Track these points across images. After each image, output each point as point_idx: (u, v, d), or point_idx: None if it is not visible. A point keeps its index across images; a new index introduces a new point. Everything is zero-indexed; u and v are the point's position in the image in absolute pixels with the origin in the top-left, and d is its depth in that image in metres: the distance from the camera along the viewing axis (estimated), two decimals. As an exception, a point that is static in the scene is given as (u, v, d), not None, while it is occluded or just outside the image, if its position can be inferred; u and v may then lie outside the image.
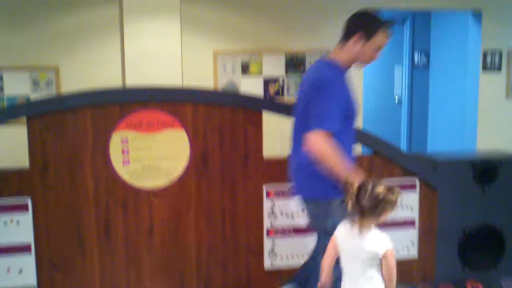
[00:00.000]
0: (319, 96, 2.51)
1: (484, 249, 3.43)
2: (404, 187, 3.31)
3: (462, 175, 3.36)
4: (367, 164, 3.27)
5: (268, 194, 3.15)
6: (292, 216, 3.20)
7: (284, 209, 3.19)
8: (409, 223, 3.35)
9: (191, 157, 3.03)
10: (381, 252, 2.26)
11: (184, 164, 3.03)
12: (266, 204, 3.15)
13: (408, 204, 3.33)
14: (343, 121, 2.56)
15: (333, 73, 2.57)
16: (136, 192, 3.00)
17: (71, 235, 2.96)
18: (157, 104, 2.98)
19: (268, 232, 3.17)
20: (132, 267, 3.04)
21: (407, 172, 3.31)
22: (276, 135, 4.18)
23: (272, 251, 3.19)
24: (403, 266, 3.33)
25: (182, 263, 3.09)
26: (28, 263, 2.93)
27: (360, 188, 2.26)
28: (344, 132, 2.58)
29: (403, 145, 6.73)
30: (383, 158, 3.28)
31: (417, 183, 3.33)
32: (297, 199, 2.71)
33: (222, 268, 3.13)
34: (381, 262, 2.28)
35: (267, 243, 3.17)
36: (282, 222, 3.19)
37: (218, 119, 3.06)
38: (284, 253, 3.21)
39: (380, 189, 2.25)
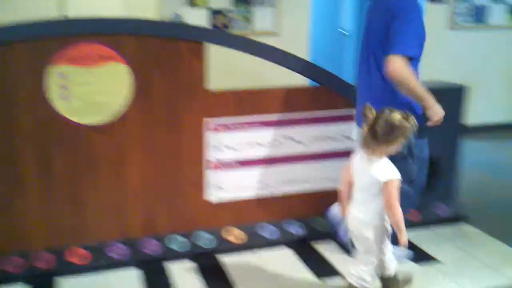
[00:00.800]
0: (401, 21, 2.66)
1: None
2: (345, 118, 3.40)
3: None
4: (311, 96, 3.32)
5: (212, 128, 3.17)
6: (238, 149, 3.25)
7: (229, 142, 3.23)
8: (350, 153, 3.43)
9: (133, 92, 3.00)
10: (383, 180, 2.37)
11: (126, 99, 2.99)
12: (211, 137, 3.18)
13: (349, 134, 3.42)
14: (418, 48, 2.74)
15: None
16: (76, 129, 2.95)
17: (8, 173, 2.91)
18: (97, 37, 2.89)
19: (213, 166, 3.22)
20: (74, 205, 3.03)
21: (348, 103, 3.37)
22: (223, 68, 4.17)
23: (217, 185, 3.26)
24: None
25: (125, 199, 3.11)
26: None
27: (377, 115, 2.36)
28: (415, 60, 2.75)
29: (349, 77, 6.81)
30: (328, 90, 3.33)
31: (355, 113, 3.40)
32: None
33: (166, 204, 3.18)
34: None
35: (211, 177, 3.23)
36: (227, 155, 3.24)
37: (160, 51, 3.01)
38: (229, 186, 3.28)
39: (397, 116, 2.34)
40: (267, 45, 3.19)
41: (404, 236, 2.38)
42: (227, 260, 3.12)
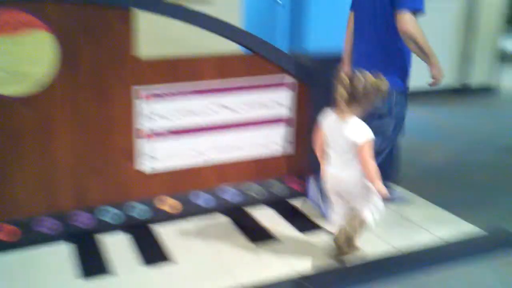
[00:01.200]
0: None
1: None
2: (279, 85, 3.41)
3: (332, 71, 3.46)
4: (244, 64, 3.30)
5: (143, 96, 3.11)
6: (170, 118, 3.20)
7: (162, 111, 3.17)
8: (283, 120, 3.49)
9: (58, 61, 2.87)
10: (358, 141, 2.49)
11: (51, 69, 2.87)
12: (142, 106, 3.11)
13: (282, 101, 3.44)
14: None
15: None
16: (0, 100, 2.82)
17: None
18: (18, 3, 2.73)
19: (145, 135, 3.17)
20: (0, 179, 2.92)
21: (282, 70, 3.38)
22: (156, 35, 4.06)
23: (150, 154, 3.21)
24: (278, 162, 3.51)
25: (54, 172, 3.00)
26: None
27: (352, 77, 2.47)
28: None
29: (282, 45, 6.83)
30: (261, 58, 3.32)
31: (291, 80, 3.43)
32: None
33: (98, 176, 3.10)
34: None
35: (144, 146, 3.18)
36: (159, 124, 3.18)
37: (86, 18, 2.88)
38: (162, 156, 3.24)
39: (371, 78, 2.46)
40: (199, 12, 3.13)
41: (382, 188, 2.49)
42: (162, 230, 3.10)
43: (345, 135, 2.52)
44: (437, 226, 3.10)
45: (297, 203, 3.45)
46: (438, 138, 5.15)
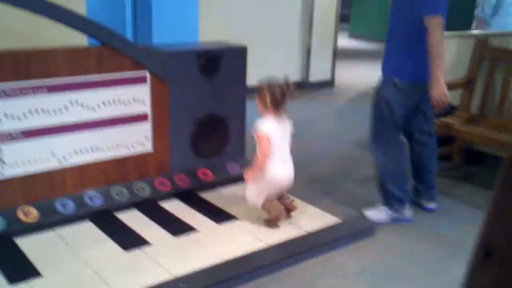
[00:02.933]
0: None
1: (212, 137, 3.71)
2: (134, 81, 3.31)
3: (189, 66, 3.48)
4: (96, 57, 3.13)
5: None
6: (21, 119, 2.93)
7: (10, 111, 2.89)
8: (142, 117, 3.39)
9: None
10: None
11: None
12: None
13: (139, 98, 3.34)
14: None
15: None
16: None
17: None
18: None
19: (-6, 139, 2.88)
20: None
21: (137, 65, 3.28)
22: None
23: (1, 159, 2.92)
24: (139, 161, 3.42)
25: None
26: None
27: (269, 85, 3.03)
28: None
29: (129, 37, 6.62)
30: (112, 50, 3.17)
31: (147, 75, 3.35)
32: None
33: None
34: None
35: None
36: (9, 126, 2.91)
37: None
38: (15, 160, 2.96)
39: (284, 82, 3.05)
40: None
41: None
42: (21, 241, 2.86)
43: (288, 130, 3.14)
44: (299, 219, 3.26)
45: (163, 203, 3.39)
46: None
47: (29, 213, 2.97)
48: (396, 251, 3.02)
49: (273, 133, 3.03)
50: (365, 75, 8.14)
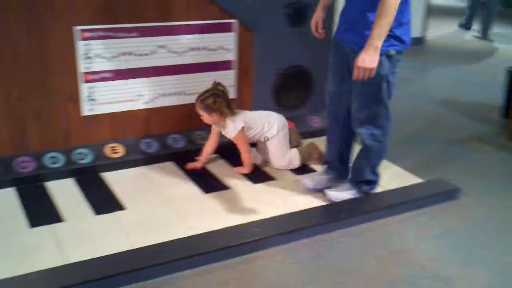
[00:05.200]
0: None
1: (294, 89, 3.68)
2: (221, 29, 3.31)
3: (276, 16, 3.43)
4: (185, 4, 3.15)
5: (83, 36, 2.91)
6: (112, 60, 3.03)
7: (102, 52, 2.99)
8: (227, 65, 3.40)
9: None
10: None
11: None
12: (81, 46, 2.92)
13: (225, 45, 3.35)
14: None
15: None
16: None
17: None
18: None
19: (86, 77, 2.99)
20: None
21: (225, 14, 3.27)
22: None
23: (90, 96, 3.04)
24: (222, 107, 3.45)
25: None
26: None
27: (215, 93, 3.01)
28: None
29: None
30: (205, -1, 3.19)
31: (234, 24, 3.33)
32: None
33: (37, 118, 2.92)
34: None
35: (85, 89, 3.00)
36: (100, 66, 3.01)
37: None
38: (103, 98, 3.07)
39: (215, 84, 3.07)
40: None
41: None
42: (108, 175, 3.00)
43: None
44: (382, 176, 3.19)
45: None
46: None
47: (116, 150, 3.10)
48: (479, 216, 2.89)
49: (244, 123, 3.09)
50: (457, 33, 7.73)
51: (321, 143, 3.30)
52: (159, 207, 2.72)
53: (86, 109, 3.03)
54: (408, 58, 6.47)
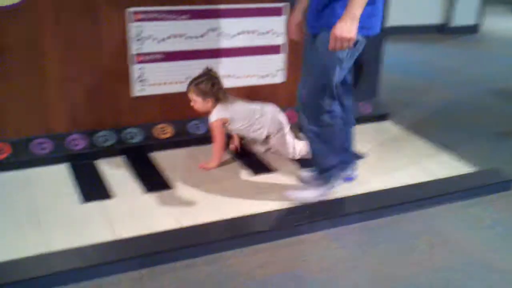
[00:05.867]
0: None
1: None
2: (272, 12, 3.28)
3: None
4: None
5: (134, 18, 2.94)
6: (162, 41, 3.06)
7: (153, 33, 3.02)
8: (276, 49, 3.38)
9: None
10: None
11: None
12: (134, 28, 2.96)
13: (276, 29, 3.32)
14: None
15: None
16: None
17: None
18: None
19: (137, 59, 3.03)
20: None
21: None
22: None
23: (141, 77, 3.08)
24: (270, 91, 3.44)
25: (46, 93, 2.88)
26: None
27: (210, 77, 2.87)
28: None
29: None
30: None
31: (285, 7, 3.30)
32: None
33: (89, 98, 2.98)
34: None
35: (136, 70, 3.04)
36: (151, 47, 3.04)
37: None
38: (153, 79, 3.11)
39: (207, 69, 2.92)
40: None
41: None
42: (157, 155, 3.05)
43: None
44: (432, 164, 3.13)
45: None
46: (430, 78, 5.14)
47: (165, 130, 3.14)
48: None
49: (227, 115, 2.92)
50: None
51: (372, 128, 3.25)
52: (206, 187, 2.75)
53: (137, 90, 3.08)
54: (463, 46, 6.40)
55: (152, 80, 3.10)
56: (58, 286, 2.03)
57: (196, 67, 3.17)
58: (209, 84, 2.86)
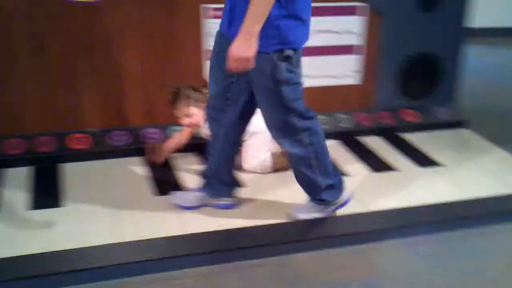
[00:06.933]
0: None
1: (422, 78, 3.50)
2: (349, 11, 3.21)
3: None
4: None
5: (211, 15, 2.95)
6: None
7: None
8: (352, 49, 3.31)
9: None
10: None
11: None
12: (207, 24, 2.96)
13: (352, 29, 3.25)
14: None
15: None
16: (71, 6, 2.71)
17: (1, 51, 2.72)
18: None
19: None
20: (69, 88, 2.87)
21: (354, -5, 3.18)
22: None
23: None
24: (344, 92, 3.37)
25: (124, 86, 2.95)
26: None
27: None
28: None
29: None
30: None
31: (362, 7, 3.22)
32: None
33: (165, 92, 3.01)
34: None
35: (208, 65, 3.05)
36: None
37: None
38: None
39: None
40: None
41: None
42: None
43: None
44: (509, 173, 2.97)
45: (363, 137, 3.32)
46: (508, 80, 4.89)
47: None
48: None
49: None
50: None
51: (448, 136, 3.10)
52: (276, 191, 2.71)
53: (211, 87, 3.09)
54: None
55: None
56: (125, 277, 2.06)
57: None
58: (194, 91, 2.75)
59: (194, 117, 2.77)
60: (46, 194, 2.55)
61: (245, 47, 1.92)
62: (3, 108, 2.82)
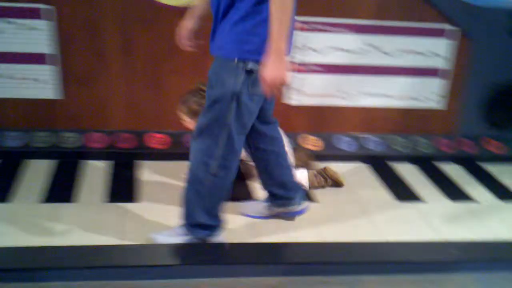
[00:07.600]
0: None
1: (508, 107, 3.36)
2: (435, 33, 3.13)
3: (498, 25, 3.16)
4: (399, 4, 3.04)
5: (297, 26, 2.96)
6: (322, 53, 3.04)
7: (314, 44, 3.02)
8: (437, 72, 3.23)
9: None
10: None
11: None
12: (295, 37, 2.97)
13: (438, 51, 3.17)
14: None
15: None
16: (158, 10, 2.80)
17: (92, 48, 2.83)
18: None
19: (296, 68, 3.04)
20: (154, 88, 2.95)
21: (440, 17, 3.09)
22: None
23: (298, 88, 3.09)
24: (425, 116, 3.29)
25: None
26: (44, 74, 2.84)
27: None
28: None
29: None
30: (421, 1, 3.05)
31: (449, 29, 3.14)
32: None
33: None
34: None
35: (293, 79, 3.05)
36: (310, 58, 3.05)
37: None
38: (310, 91, 3.10)
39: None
40: None
41: None
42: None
43: None
44: None
45: (442, 164, 3.20)
46: None
47: (316, 143, 3.11)
48: None
49: None
50: None
51: None
52: (349, 203, 2.68)
53: (290, 98, 3.10)
54: None
55: (308, 90, 3.10)
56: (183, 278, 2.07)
57: (351, 81, 3.12)
58: (197, 105, 2.52)
59: (186, 124, 2.64)
60: (122, 189, 2.62)
61: (276, 67, 1.85)
62: (91, 103, 2.93)
